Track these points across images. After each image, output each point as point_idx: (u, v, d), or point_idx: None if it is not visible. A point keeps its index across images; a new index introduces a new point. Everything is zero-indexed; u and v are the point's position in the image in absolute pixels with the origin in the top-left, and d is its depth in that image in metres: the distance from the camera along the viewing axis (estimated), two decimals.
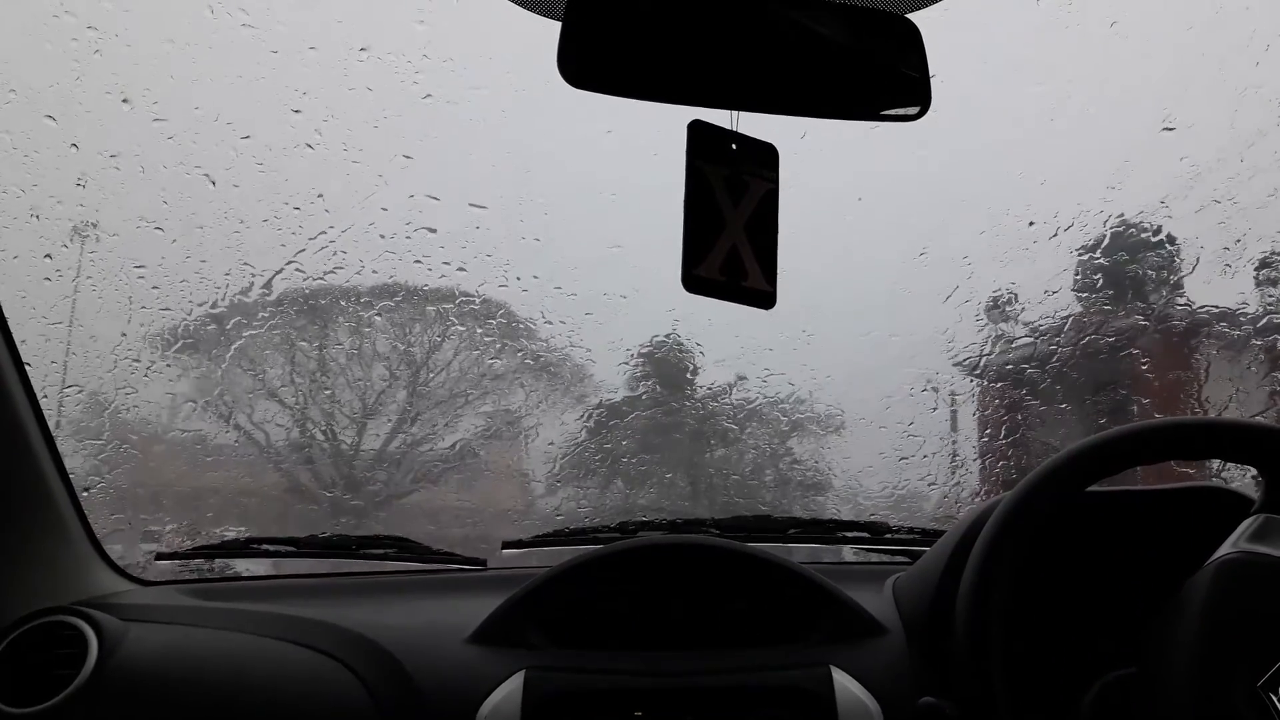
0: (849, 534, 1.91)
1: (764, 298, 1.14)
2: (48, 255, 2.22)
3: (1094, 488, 1.21)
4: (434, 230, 2.52)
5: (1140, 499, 1.48)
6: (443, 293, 2.72)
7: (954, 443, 2.78)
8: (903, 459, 2.65)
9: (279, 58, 2.33)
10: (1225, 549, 1.13)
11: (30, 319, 2.10)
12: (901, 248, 2.75)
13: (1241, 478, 1.81)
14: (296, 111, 2.35)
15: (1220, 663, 1.04)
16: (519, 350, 2.89)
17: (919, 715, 1.23)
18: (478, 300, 2.74)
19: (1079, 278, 2.81)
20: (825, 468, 2.87)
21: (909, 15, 1.15)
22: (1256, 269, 2.74)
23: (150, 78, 2.28)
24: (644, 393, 2.89)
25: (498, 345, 2.89)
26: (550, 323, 2.74)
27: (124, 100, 2.24)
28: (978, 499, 2.63)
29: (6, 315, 1.56)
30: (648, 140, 2.28)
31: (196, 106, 2.31)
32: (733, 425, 2.95)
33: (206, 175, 2.34)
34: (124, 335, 2.33)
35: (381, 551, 1.83)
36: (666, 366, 2.88)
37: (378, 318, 2.77)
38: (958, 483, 2.72)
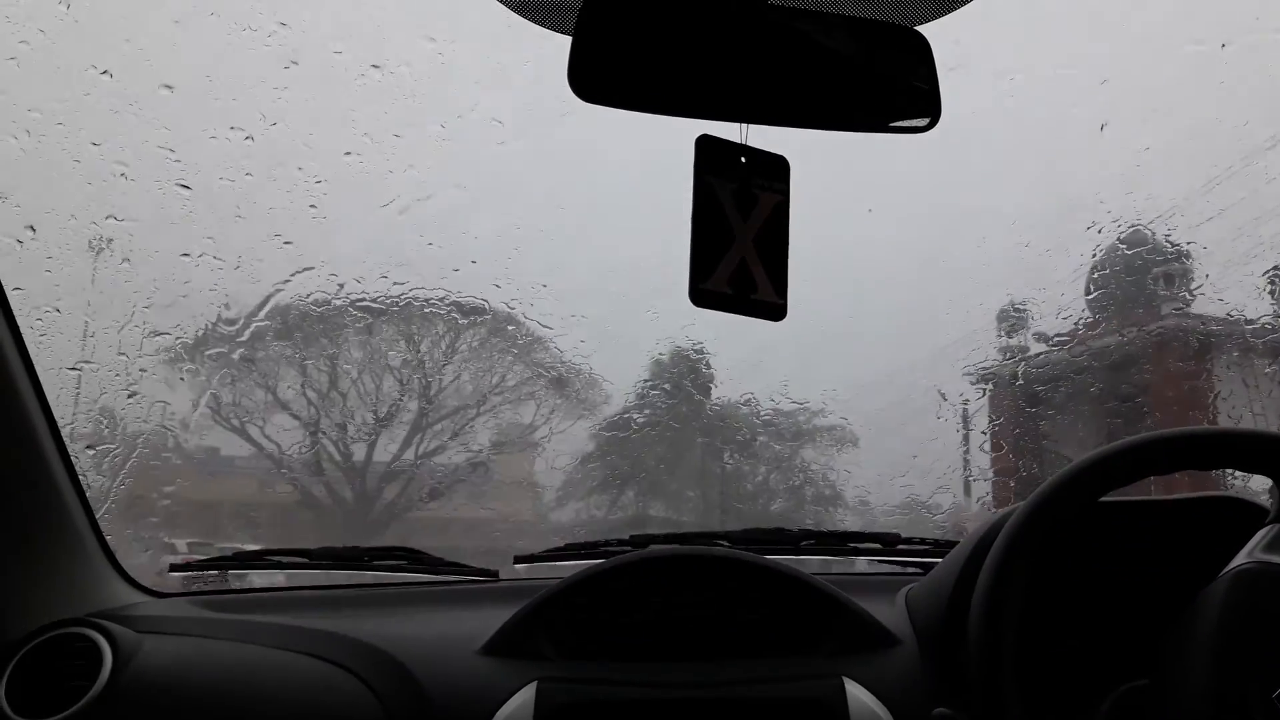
0: (861, 545, 1.91)
1: (774, 310, 1.14)
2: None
3: (1108, 497, 1.20)
4: (441, 245, 2.53)
5: (1155, 509, 1.47)
6: (452, 306, 2.73)
7: (966, 453, 2.77)
8: (915, 470, 2.65)
9: (292, 71, 2.35)
10: (1240, 559, 1.13)
11: (45, 333, 2.12)
12: (912, 258, 2.76)
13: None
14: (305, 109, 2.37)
15: (1236, 673, 1.04)
16: (531, 363, 2.89)
17: None
18: (488, 314, 2.75)
19: (1092, 287, 2.80)
20: (836, 479, 2.86)
21: (919, 28, 1.16)
22: (1272, 278, 2.73)
23: (154, 84, 2.30)
24: (656, 406, 2.89)
25: (509, 359, 2.90)
26: (561, 335, 2.74)
27: (131, 104, 2.26)
28: (990, 509, 2.62)
29: (22, 328, 1.57)
30: (656, 154, 2.29)
31: (209, 122, 2.33)
32: (744, 438, 2.95)
33: (220, 191, 2.36)
34: (139, 349, 2.35)
35: (393, 563, 1.83)
36: (678, 380, 2.88)
37: (389, 331, 2.79)
38: (970, 493, 2.71)
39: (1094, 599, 1.39)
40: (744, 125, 1.14)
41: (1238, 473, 1.28)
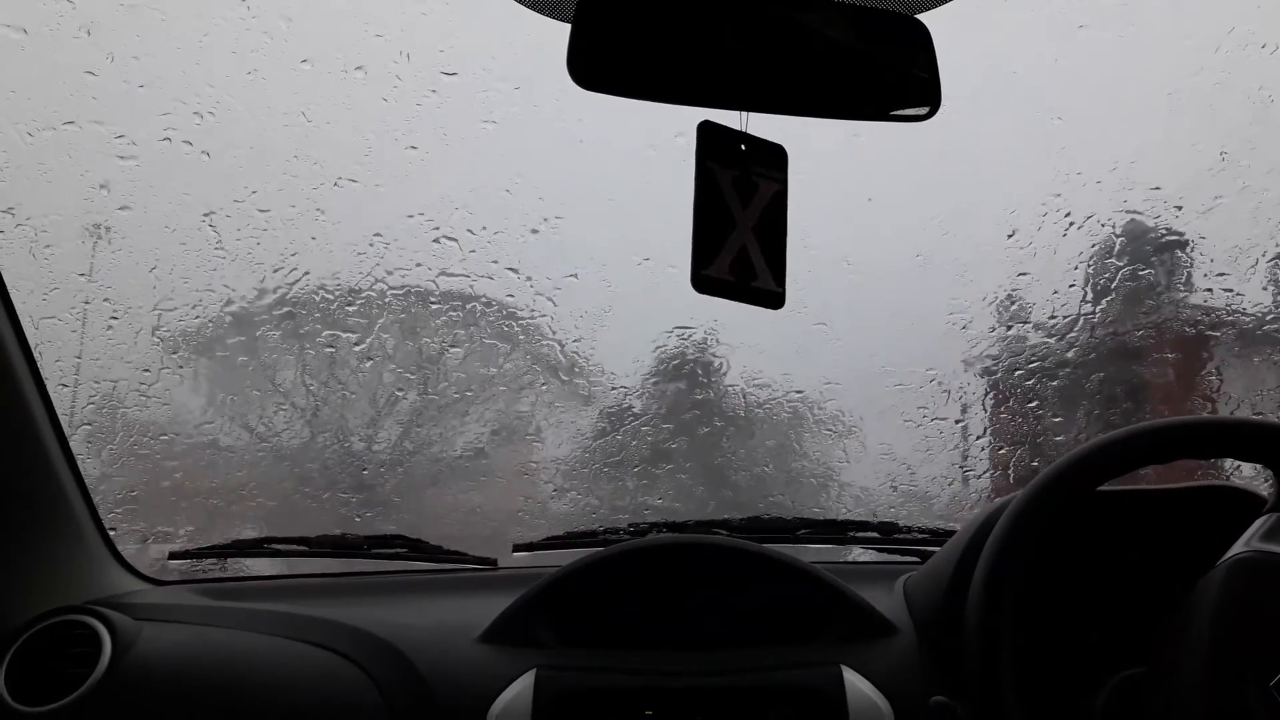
0: (859, 534, 1.91)
1: (773, 298, 1.14)
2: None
3: (1106, 486, 1.20)
4: (441, 231, 2.52)
5: (1152, 498, 1.47)
6: (453, 295, 2.72)
7: (964, 442, 2.77)
8: (913, 459, 2.65)
9: (284, 59, 2.34)
10: (1238, 548, 1.13)
11: (45, 319, 2.12)
12: (911, 248, 2.75)
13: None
14: (305, 116, 2.37)
15: (1232, 662, 1.04)
16: (528, 353, 2.89)
17: (930, 715, 1.23)
18: (487, 303, 2.75)
19: (1091, 278, 2.80)
20: (835, 468, 2.86)
21: (919, 16, 1.16)
22: (1272, 267, 2.72)
23: (160, 79, 2.29)
24: (655, 394, 2.89)
25: (507, 347, 2.89)
26: (559, 326, 2.74)
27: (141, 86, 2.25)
28: (988, 498, 2.62)
29: (21, 315, 1.57)
30: (656, 142, 2.29)
31: (210, 111, 2.32)
32: (743, 426, 2.94)
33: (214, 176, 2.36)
34: (137, 335, 2.35)
35: (393, 551, 1.84)
36: (677, 370, 2.88)
37: (387, 321, 2.78)
38: (968, 482, 2.71)
39: (1091, 587, 1.39)
40: (744, 113, 1.13)
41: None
